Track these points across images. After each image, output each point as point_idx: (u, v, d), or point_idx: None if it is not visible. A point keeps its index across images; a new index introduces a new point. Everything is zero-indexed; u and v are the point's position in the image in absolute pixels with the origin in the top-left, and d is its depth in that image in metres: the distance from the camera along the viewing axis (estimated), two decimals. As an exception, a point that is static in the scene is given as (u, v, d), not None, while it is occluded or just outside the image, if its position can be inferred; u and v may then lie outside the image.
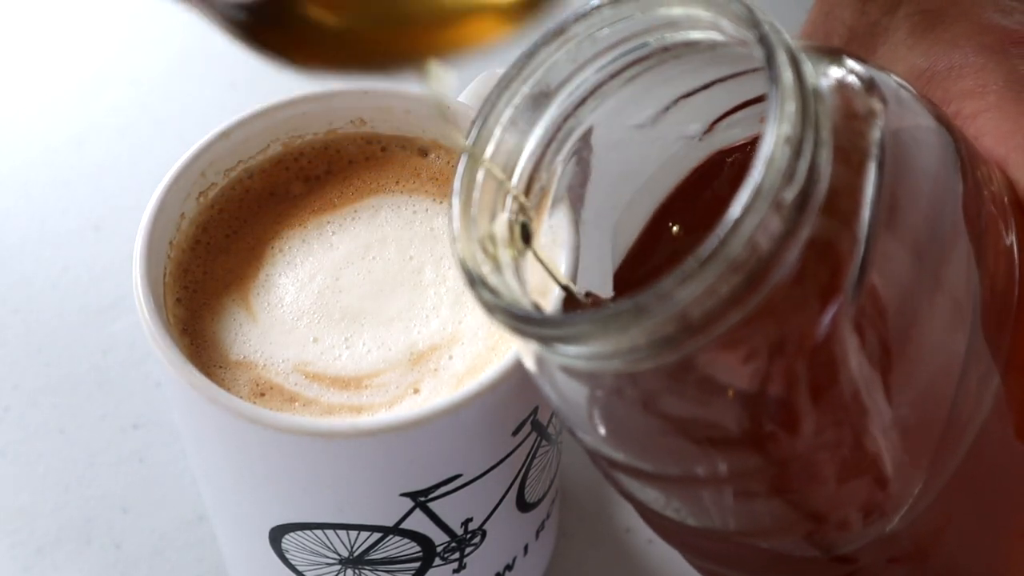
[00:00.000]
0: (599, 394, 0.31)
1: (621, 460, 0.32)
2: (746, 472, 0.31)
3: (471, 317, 0.36)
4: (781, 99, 0.28)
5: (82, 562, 0.46)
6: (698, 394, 0.30)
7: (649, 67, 0.33)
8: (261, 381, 0.35)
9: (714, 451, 0.31)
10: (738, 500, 0.32)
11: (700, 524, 0.33)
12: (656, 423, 0.31)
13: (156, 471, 0.48)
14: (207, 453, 0.37)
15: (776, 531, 0.33)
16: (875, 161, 0.29)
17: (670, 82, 0.34)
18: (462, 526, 0.37)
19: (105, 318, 0.52)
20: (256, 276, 0.37)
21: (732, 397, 0.30)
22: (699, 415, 0.30)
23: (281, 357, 0.36)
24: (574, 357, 0.30)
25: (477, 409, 0.34)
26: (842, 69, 0.31)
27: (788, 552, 0.33)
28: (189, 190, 0.37)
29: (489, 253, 0.32)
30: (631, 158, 0.35)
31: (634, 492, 0.33)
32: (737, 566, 0.35)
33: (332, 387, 0.35)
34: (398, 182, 0.39)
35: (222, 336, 0.36)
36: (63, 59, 0.59)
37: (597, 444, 0.32)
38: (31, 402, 0.50)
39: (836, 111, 0.29)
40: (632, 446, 0.32)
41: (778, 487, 0.31)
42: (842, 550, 0.33)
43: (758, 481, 0.31)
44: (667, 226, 0.36)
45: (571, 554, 0.46)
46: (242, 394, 0.35)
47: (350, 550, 0.37)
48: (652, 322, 0.28)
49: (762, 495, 0.32)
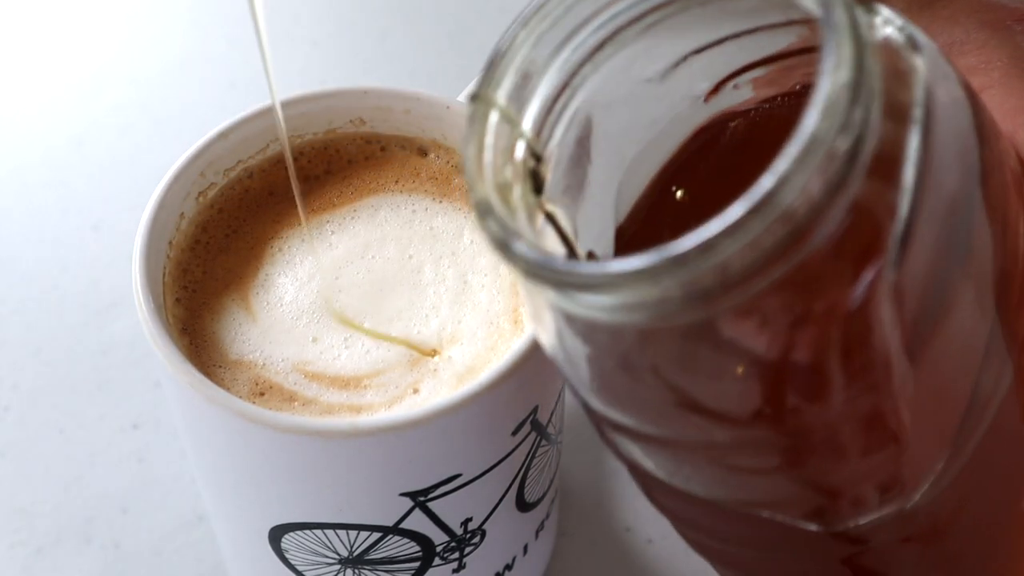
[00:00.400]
0: (614, 352, 0.30)
1: (630, 424, 0.31)
2: (765, 440, 0.30)
3: (471, 317, 0.36)
4: (838, 44, 0.27)
5: (82, 562, 0.46)
6: (723, 356, 0.29)
7: (668, 14, 0.32)
8: (260, 381, 0.35)
9: (734, 417, 0.30)
10: (754, 470, 0.31)
11: (708, 495, 0.32)
12: (674, 385, 0.29)
13: (156, 471, 0.48)
14: (207, 453, 0.37)
15: (791, 504, 0.32)
16: (919, 121, 0.28)
17: (685, 35, 0.33)
18: (462, 526, 0.37)
19: (105, 318, 0.52)
20: (255, 276, 0.37)
21: (758, 360, 0.29)
22: (722, 378, 0.29)
23: (280, 356, 0.36)
24: (596, 308, 0.28)
25: (477, 409, 0.34)
26: (881, 20, 0.30)
27: (798, 528, 0.33)
28: (189, 190, 0.37)
29: (506, 200, 0.30)
30: (638, 115, 0.34)
31: (637, 459, 0.32)
32: (740, 543, 0.34)
33: (331, 387, 0.35)
34: (397, 181, 0.39)
35: (221, 336, 0.36)
36: (63, 59, 0.59)
37: (605, 406, 0.31)
38: (31, 402, 0.50)
39: (883, 63, 0.28)
40: (644, 409, 0.30)
41: (798, 458, 0.30)
42: (854, 527, 0.32)
43: (777, 451, 0.30)
44: (667, 188, 0.35)
45: (571, 554, 0.46)
46: (241, 394, 0.35)
47: (350, 550, 0.37)
48: (690, 272, 0.26)
49: (780, 466, 0.30)
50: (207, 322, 0.36)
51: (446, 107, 0.39)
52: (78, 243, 0.54)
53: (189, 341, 0.35)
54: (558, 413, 0.39)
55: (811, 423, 0.29)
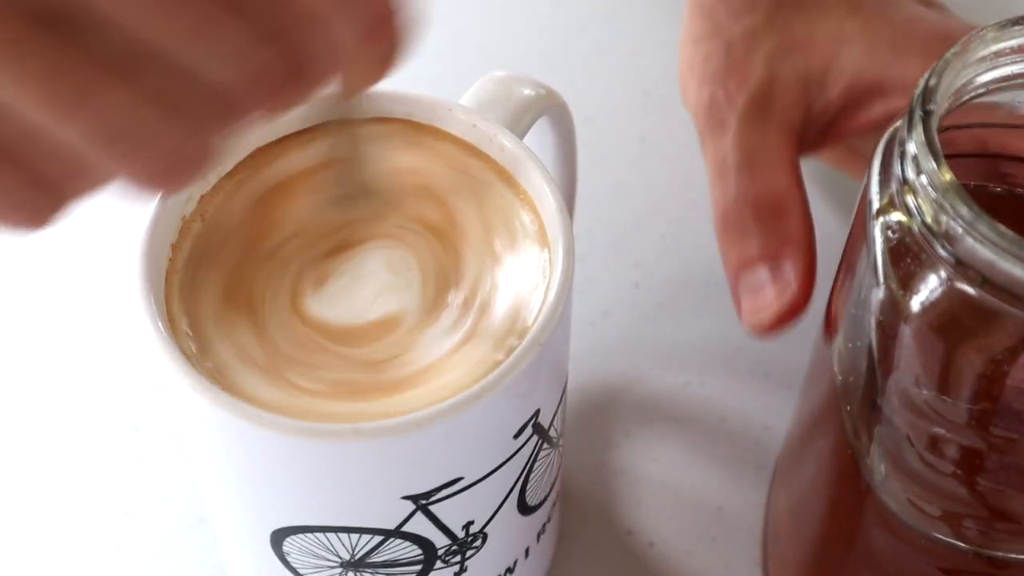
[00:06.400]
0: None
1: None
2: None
3: (472, 319, 0.36)
4: None
5: (82, 565, 0.46)
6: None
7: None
8: (262, 381, 0.35)
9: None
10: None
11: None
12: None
13: (157, 474, 0.48)
14: (208, 456, 0.37)
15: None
16: None
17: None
18: (463, 529, 0.37)
19: (106, 320, 0.52)
20: (258, 277, 0.37)
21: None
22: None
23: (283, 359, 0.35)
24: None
25: (478, 412, 0.34)
26: None
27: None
28: (190, 191, 0.37)
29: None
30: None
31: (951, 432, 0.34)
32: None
33: (333, 387, 0.35)
34: (399, 184, 0.39)
35: (223, 338, 0.35)
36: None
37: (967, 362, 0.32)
38: (32, 404, 0.50)
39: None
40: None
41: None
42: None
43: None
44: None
45: (572, 557, 0.46)
46: (243, 396, 0.35)
47: (351, 553, 0.37)
48: None
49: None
50: (208, 324, 0.36)
51: (448, 110, 0.39)
52: (78, 243, 0.54)
53: (190, 343, 0.35)
54: (560, 416, 0.39)
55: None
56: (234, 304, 0.36)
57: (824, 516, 0.40)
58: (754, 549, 0.46)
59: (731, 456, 0.49)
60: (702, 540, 0.47)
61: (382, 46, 0.30)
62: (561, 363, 0.38)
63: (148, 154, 0.28)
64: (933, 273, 0.32)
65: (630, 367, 0.51)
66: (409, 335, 0.35)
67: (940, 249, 0.31)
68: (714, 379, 0.51)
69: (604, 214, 0.55)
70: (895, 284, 0.33)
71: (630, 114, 0.58)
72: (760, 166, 0.44)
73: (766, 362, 0.51)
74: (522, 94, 0.41)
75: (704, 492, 0.48)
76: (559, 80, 0.44)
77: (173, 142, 0.28)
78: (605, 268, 0.53)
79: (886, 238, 0.33)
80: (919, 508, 0.36)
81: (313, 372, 0.35)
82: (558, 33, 0.61)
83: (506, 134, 0.38)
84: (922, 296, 0.32)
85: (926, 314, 0.32)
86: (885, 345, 0.34)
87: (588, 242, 0.54)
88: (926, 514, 0.36)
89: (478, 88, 0.41)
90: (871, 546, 0.38)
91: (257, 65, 0.27)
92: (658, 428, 0.49)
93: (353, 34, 0.29)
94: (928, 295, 0.32)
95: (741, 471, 0.48)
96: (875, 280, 0.34)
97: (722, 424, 0.49)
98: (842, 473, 0.38)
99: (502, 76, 0.41)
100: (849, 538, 0.39)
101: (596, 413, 0.50)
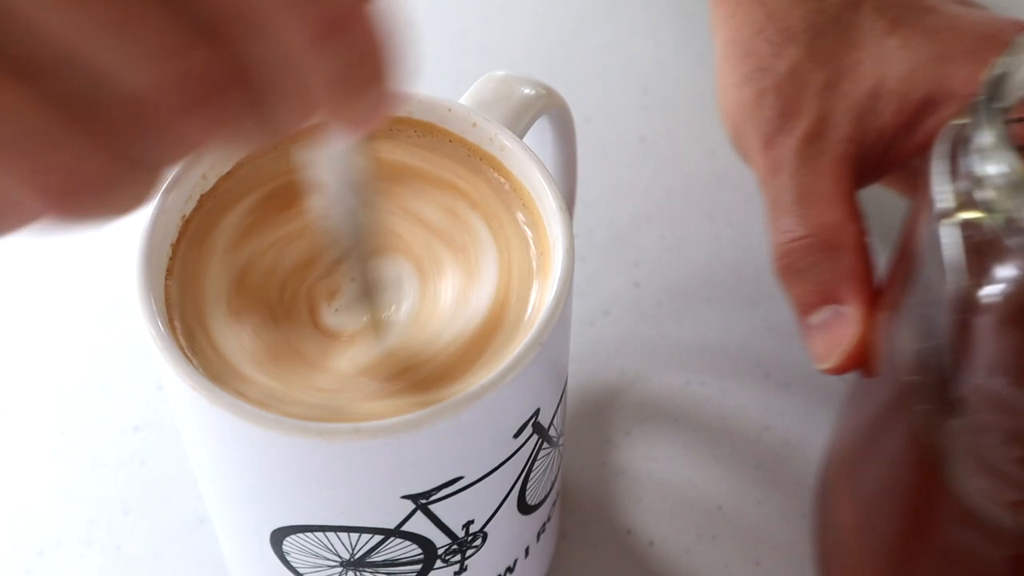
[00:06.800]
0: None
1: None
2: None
3: (472, 317, 0.36)
4: None
5: (83, 564, 0.46)
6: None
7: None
8: (262, 381, 0.35)
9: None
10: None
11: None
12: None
13: (157, 473, 0.48)
14: (208, 455, 0.37)
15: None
16: None
17: None
18: (463, 528, 0.37)
19: (106, 320, 0.52)
20: (258, 277, 0.37)
21: None
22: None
23: (283, 358, 0.35)
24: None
25: (478, 411, 0.34)
26: None
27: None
28: (191, 192, 0.37)
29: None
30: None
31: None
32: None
33: (333, 388, 0.35)
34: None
35: (223, 338, 0.35)
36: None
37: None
38: (32, 404, 0.50)
39: None
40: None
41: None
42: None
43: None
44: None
45: (572, 556, 0.46)
46: (243, 396, 0.35)
47: (351, 552, 0.37)
48: None
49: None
50: (209, 324, 0.36)
51: (448, 110, 0.39)
52: (78, 243, 0.54)
53: (190, 343, 0.35)
54: (560, 416, 0.39)
55: None
56: (234, 304, 0.36)
57: (902, 520, 0.40)
58: (754, 549, 0.46)
59: (731, 456, 0.49)
60: (702, 540, 0.47)
61: (348, 53, 0.26)
62: (561, 363, 0.38)
63: (41, 165, 0.24)
64: (1012, 266, 0.32)
65: (630, 367, 0.51)
66: (408, 335, 0.35)
67: (1021, 241, 0.32)
68: (714, 379, 0.51)
69: (604, 214, 0.55)
70: (971, 280, 0.33)
71: (630, 114, 0.58)
72: (814, 204, 0.44)
73: (766, 362, 0.51)
74: (522, 93, 0.41)
75: (704, 492, 0.48)
76: (559, 80, 0.44)
77: (74, 154, 0.24)
78: (605, 268, 0.53)
79: (962, 236, 0.33)
80: (1003, 503, 0.36)
81: (313, 371, 0.35)
82: (558, 33, 0.61)
83: (506, 134, 0.38)
84: (1001, 289, 0.33)
85: (1006, 307, 0.33)
86: (962, 341, 0.34)
87: (588, 242, 0.54)
88: (1010, 508, 0.36)
89: (478, 88, 0.41)
90: (954, 544, 0.38)
91: (180, 67, 0.24)
92: (658, 428, 0.49)
93: (302, 32, 0.25)
94: (1008, 288, 0.32)
95: (741, 471, 0.48)
96: (948, 279, 0.34)
97: (722, 424, 0.49)
98: (920, 475, 0.38)
99: (502, 75, 0.41)
100: (931, 538, 0.39)
101: (596, 413, 0.50)
